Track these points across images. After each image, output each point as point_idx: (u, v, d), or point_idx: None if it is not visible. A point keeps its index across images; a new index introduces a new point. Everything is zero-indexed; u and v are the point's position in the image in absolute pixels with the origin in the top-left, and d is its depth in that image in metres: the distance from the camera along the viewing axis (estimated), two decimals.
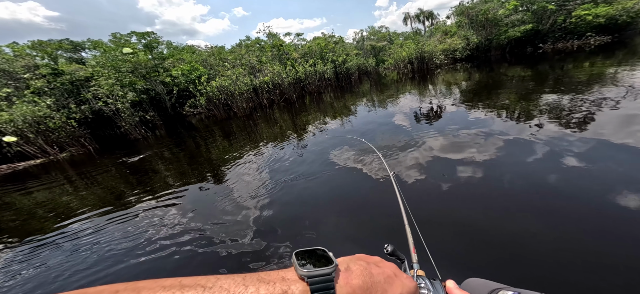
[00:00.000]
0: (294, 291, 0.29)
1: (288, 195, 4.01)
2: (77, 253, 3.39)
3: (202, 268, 2.77)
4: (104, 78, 15.08)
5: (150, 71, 17.27)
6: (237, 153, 6.81)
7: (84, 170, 8.32)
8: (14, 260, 3.47)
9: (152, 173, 6.51)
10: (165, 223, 3.75)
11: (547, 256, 2.15)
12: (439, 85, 13.01)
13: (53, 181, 7.44)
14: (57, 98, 13.78)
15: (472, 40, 22.51)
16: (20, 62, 15.64)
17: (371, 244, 2.64)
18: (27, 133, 10.94)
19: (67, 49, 20.74)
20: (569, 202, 2.69)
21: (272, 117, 12.15)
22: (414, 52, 22.02)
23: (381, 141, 5.78)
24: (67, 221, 4.41)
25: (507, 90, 8.47)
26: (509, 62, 17.24)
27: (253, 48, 21.26)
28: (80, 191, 6.09)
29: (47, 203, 5.53)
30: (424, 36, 30.86)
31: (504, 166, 3.65)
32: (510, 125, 5.17)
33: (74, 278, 2.91)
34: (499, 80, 10.88)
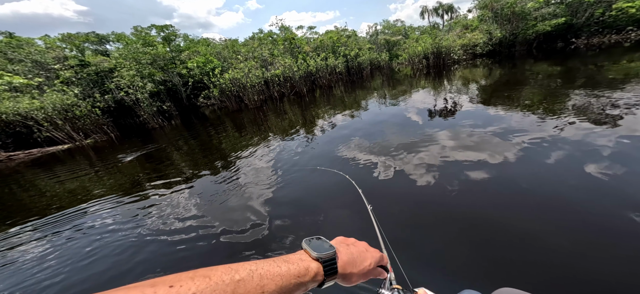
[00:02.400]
0: (313, 267, 0.41)
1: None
2: (84, 239, 3.64)
3: (214, 251, 2.88)
4: (126, 69, 15.85)
5: (168, 63, 17.92)
6: (246, 145, 6.95)
7: (103, 156, 8.86)
8: (41, 236, 3.79)
9: (167, 162, 6.81)
10: (178, 211, 3.91)
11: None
12: (455, 81, 12.44)
13: (77, 166, 8.00)
14: (83, 88, 14.69)
15: (495, 34, 21.20)
16: (51, 53, 16.80)
17: None
18: (56, 119, 11.79)
19: (93, 42, 21.96)
20: (589, 216, 2.46)
21: (281, 110, 12.24)
22: (430, 46, 21.13)
23: (383, 141, 5.64)
24: (84, 204, 4.74)
25: (531, 87, 7.91)
26: (536, 57, 16.11)
27: (265, 41, 21.38)
28: (100, 178, 6.50)
29: (71, 188, 5.97)
30: (442, 30, 29.48)
31: (511, 175, 3.43)
32: (528, 125, 4.82)
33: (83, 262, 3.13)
34: (523, 77, 10.19)
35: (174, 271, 0.33)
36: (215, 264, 0.34)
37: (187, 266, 2.62)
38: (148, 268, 2.74)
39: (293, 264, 0.39)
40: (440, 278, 2.09)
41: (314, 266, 0.41)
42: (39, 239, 3.63)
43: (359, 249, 0.50)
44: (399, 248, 2.38)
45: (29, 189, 6.23)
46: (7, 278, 2.86)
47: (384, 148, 4.87)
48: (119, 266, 2.83)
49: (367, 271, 0.49)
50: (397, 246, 1.04)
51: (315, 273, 0.40)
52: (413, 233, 2.64)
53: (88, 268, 2.87)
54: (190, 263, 2.74)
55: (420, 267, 2.21)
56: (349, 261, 0.46)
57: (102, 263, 2.91)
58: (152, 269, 2.71)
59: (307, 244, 0.44)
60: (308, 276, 0.39)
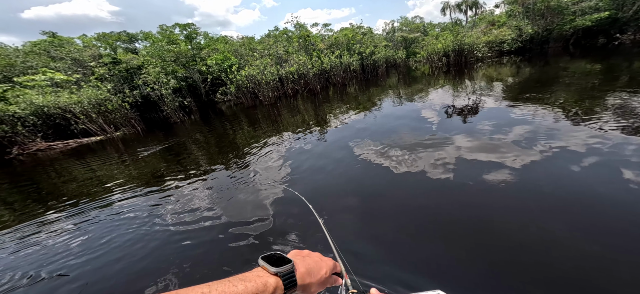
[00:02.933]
0: (271, 282, 0.41)
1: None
2: (111, 225, 4.01)
3: (220, 241, 3.08)
4: (152, 66, 16.89)
5: (189, 60, 18.81)
6: (260, 140, 7.19)
7: (130, 148, 9.59)
8: (68, 222, 4.25)
9: (185, 155, 7.24)
10: (190, 203, 4.18)
11: None
12: (478, 80, 11.81)
13: (108, 157, 8.75)
14: (115, 84, 15.90)
15: (526, 30, 19.73)
16: (87, 51, 18.33)
17: None
18: (91, 113, 12.92)
19: (124, 40, 23.59)
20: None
21: (295, 107, 12.41)
22: (451, 44, 20.16)
23: (398, 141, 5.55)
24: (108, 194, 5.20)
25: (565, 87, 7.29)
26: (572, 54, 14.85)
27: (280, 38, 21.64)
28: (126, 168, 7.07)
29: (101, 177, 6.56)
30: (465, 27, 27.91)
31: (534, 178, 3.22)
32: (565, 127, 4.43)
33: (110, 245, 3.47)
34: (556, 76, 9.43)
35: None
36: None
37: (194, 255, 2.83)
38: (160, 255, 2.98)
39: (250, 282, 0.39)
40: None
41: (273, 281, 0.41)
42: (68, 222, 4.08)
43: (314, 259, 0.52)
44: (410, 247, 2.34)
45: (64, 176, 6.95)
46: (36, 258, 3.24)
47: (393, 147, 4.80)
48: (132, 253, 3.12)
49: (324, 279, 0.51)
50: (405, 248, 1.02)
51: (274, 288, 0.40)
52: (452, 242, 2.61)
53: (103, 253, 3.19)
54: (196, 252, 2.94)
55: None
56: (307, 272, 0.47)
57: (117, 249, 3.20)
58: (164, 257, 2.94)
59: (263, 260, 0.45)
60: (267, 292, 0.39)
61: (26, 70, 15.24)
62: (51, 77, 14.04)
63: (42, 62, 16.13)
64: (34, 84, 13.37)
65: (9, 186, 6.64)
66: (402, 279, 2.08)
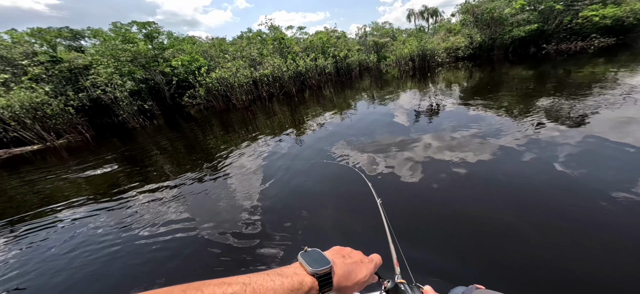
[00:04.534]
0: (307, 281, 0.40)
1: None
2: (70, 242, 3.36)
3: (195, 257, 2.73)
4: (103, 66, 14.96)
5: (149, 61, 17.13)
6: (234, 145, 6.76)
7: (78, 157, 8.27)
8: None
9: (149, 165, 6.46)
10: (159, 215, 3.70)
11: (540, 260, 2.09)
12: (439, 83, 12.87)
13: (48, 168, 7.40)
14: (55, 86, 13.67)
15: (476, 38, 22.23)
16: (18, 48, 15.50)
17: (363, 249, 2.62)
18: (24, 119, 10.87)
19: (66, 37, 20.56)
20: (566, 204, 2.62)
21: (271, 110, 12.07)
22: (416, 49, 21.78)
23: (373, 141, 5.71)
24: (61, 206, 4.38)
25: (508, 90, 8.32)
26: (511, 61, 17.05)
27: (254, 40, 21.07)
28: (74, 180, 6.05)
29: (41, 190, 5.50)
30: (428, 33, 30.48)
31: (493, 171, 3.57)
32: (507, 126, 5.04)
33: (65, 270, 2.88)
34: (500, 80, 10.73)
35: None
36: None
37: (171, 270, 2.47)
38: (129, 274, 2.55)
39: (287, 278, 0.38)
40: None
41: (309, 281, 0.40)
42: (6, 243, 3.29)
43: (354, 260, 0.50)
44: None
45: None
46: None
47: (371, 148, 4.90)
48: (93, 276, 2.61)
49: (363, 283, 0.49)
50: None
51: (309, 287, 0.40)
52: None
53: (62, 278, 2.62)
54: (176, 264, 2.57)
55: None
56: (345, 276, 0.46)
57: (74, 272, 2.67)
58: (135, 276, 2.52)
59: (302, 257, 0.44)
60: (302, 290, 0.39)
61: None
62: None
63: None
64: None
65: None
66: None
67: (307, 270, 0.41)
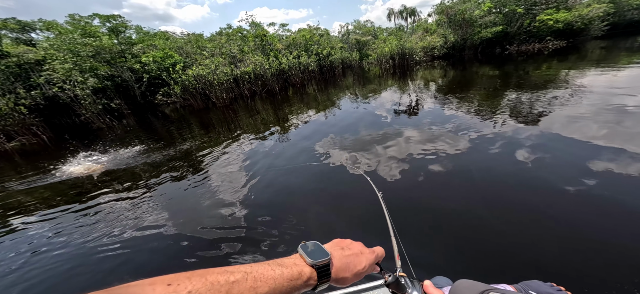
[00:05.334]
0: (306, 272, 0.42)
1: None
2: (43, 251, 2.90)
3: (180, 258, 2.48)
4: (59, 62, 13.37)
5: (115, 56, 15.68)
6: (214, 145, 6.38)
7: (33, 161, 7.28)
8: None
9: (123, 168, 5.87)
10: (139, 218, 3.35)
11: (514, 247, 2.21)
12: (417, 81, 13.38)
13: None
14: (1, 83, 11.95)
15: (450, 38, 23.49)
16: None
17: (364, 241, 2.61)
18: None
19: (13, 29, 18.12)
20: (530, 191, 2.84)
21: (253, 108, 11.66)
22: (395, 48, 22.45)
23: (357, 138, 5.74)
24: (23, 215, 3.79)
25: (478, 88, 8.88)
26: (480, 61, 18.29)
27: (234, 37, 20.24)
28: (32, 186, 5.30)
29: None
30: (407, 33, 31.60)
31: (472, 163, 3.75)
32: (479, 121, 5.36)
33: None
34: (471, 79, 11.43)
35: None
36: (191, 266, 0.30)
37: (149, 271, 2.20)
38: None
39: (287, 268, 0.40)
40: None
41: (307, 271, 0.42)
42: None
43: (353, 252, 0.51)
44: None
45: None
46: None
47: (356, 144, 4.91)
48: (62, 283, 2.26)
49: (362, 273, 0.50)
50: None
51: (308, 277, 0.41)
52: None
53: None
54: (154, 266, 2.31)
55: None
56: (343, 267, 0.47)
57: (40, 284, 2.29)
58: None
59: (302, 249, 0.45)
60: (301, 280, 0.40)
61: None
62: None
63: None
64: None
65: None
66: None
67: (306, 261, 0.43)
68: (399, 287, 0.52)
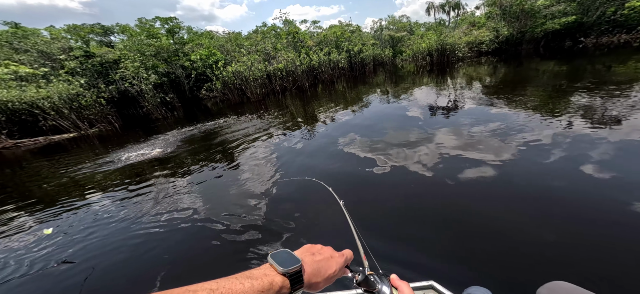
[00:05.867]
0: (277, 281, 0.41)
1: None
2: (97, 224, 3.76)
3: (209, 241, 2.97)
4: (130, 61, 15.96)
5: (171, 55, 17.99)
6: (246, 137, 7.02)
7: (107, 145, 9.01)
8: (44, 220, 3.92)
9: (172, 154, 6.92)
10: (177, 201, 4.01)
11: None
12: (458, 78, 12.30)
13: (82, 155, 8.15)
14: (88, 79, 14.85)
15: (503, 32, 20.84)
16: (56, 44, 16.95)
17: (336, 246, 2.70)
18: (62, 108, 11.97)
19: (98, 33, 22.07)
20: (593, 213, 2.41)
21: (283, 104, 12.27)
22: (434, 43, 20.87)
23: (385, 137, 5.67)
24: (92, 191, 4.87)
25: (536, 86, 7.72)
26: (542, 56, 15.83)
27: (269, 35, 21.31)
28: (104, 167, 6.64)
29: (80, 178, 6.12)
30: (448, 27, 28.98)
31: (511, 171, 3.41)
32: (532, 125, 4.67)
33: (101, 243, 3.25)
34: (527, 76, 10.03)
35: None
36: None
37: (183, 251, 2.71)
38: (165, 249, 2.83)
39: (257, 280, 0.39)
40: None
41: (279, 280, 0.41)
42: (42, 223, 3.76)
43: (324, 256, 0.52)
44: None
45: (33, 176, 6.39)
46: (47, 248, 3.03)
47: (383, 145, 4.88)
48: (136, 243, 2.94)
49: (333, 277, 0.51)
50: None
51: (280, 287, 0.41)
52: (412, 226, 2.68)
53: (103, 246, 2.98)
54: (185, 247, 2.82)
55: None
56: (314, 272, 0.47)
57: (118, 242, 3.01)
58: (167, 249, 2.79)
59: (272, 259, 0.45)
60: (272, 290, 0.39)
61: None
62: (15, 70, 12.83)
63: (4, 54, 14.71)
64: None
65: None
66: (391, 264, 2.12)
67: (277, 270, 0.42)
68: (368, 284, 0.53)
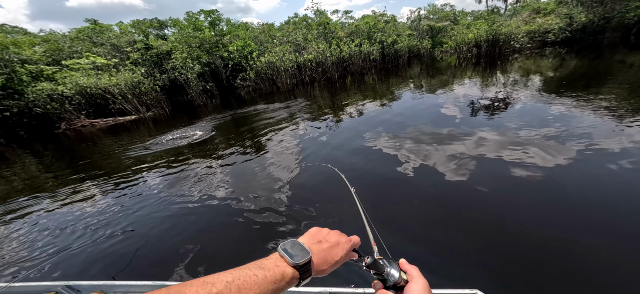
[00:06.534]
0: (288, 272, 0.43)
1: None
2: (148, 194, 4.50)
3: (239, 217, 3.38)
4: (179, 52, 17.85)
5: (212, 46, 19.54)
6: (274, 126, 7.45)
7: (159, 128, 10.40)
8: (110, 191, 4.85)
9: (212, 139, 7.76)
10: (209, 182, 4.56)
11: None
12: (510, 73, 10.85)
13: (139, 135, 9.59)
14: (147, 68, 17.11)
15: (579, 19, 17.57)
16: (124, 37, 19.79)
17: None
18: (127, 94, 14.13)
19: (155, 27, 25.02)
20: None
21: (311, 94, 12.48)
22: (484, 33, 18.60)
23: (415, 133, 5.46)
24: (144, 166, 5.80)
25: (617, 83, 6.39)
26: (632, 46, 13.01)
27: (300, 25, 21.49)
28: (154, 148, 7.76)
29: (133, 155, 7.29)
30: (503, 16, 25.31)
31: (563, 180, 3.04)
32: (602, 129, 3.98)
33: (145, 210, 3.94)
34: (608, 71, 8.32)
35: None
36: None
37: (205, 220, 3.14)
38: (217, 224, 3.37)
39: (269, 271, 0.41)
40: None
41: (290, 272, 0.43)
42: (104, 193, 4.67)
43: (330, 244, 0.53)
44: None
45: (104, 152, 7.82)
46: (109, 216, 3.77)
47: (410, 143, 4.69)
48: (189, 218, 3.52)
49: (339, 261, 0.53)
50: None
51: (290, 277, 0.43)
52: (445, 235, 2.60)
53: (156, 219, 3.64)
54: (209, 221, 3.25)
55: None
56: (321, 262, 0.49)
57: (171, 218, 3.59)
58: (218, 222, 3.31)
59: (282, 250, 0.46)
60: (284, 281, 0.41)
61: (72, 54, 16.92)
62: (93, 61, 15.48)
63: (85, 47, 17.78)
64: (78, 67, 14.87)
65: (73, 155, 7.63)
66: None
67: (288, 262, 0.44)
68: (377, 267, 0.54)
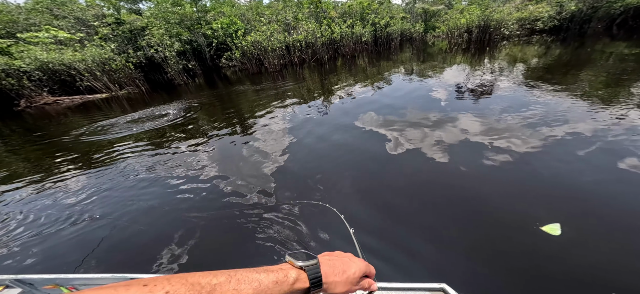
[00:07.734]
0: (293, 274, 0.42)
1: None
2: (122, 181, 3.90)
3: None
4: (156, 28, 16.32)
5: (194, 23, 18.06)
6: (263, 106, 6.87)
7: (135, 106, 9.45)
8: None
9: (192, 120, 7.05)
10: (194, 165, 4.03)
11: None
12: (497, 59, 10.84)
13: (111, 113, 8.64)
14: (118, 44, 15.54)
15: (569, 7, 17.91)
16: (91, 11, 17.75)
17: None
18: (95, 71, 12.75)
19: (128, 1, 22.78)
20: None
21: (300, 76, 11.87)
22: (477, 19, 18.54)
23: (403, 117, 5.15)
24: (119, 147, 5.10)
25: (595, 71, 6.59)
26: (614, 36, 13.49)
27: (290, 3, 20.36)
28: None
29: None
30: (497, 2, 25.45)
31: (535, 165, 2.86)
32: (576, 115, 3.99)
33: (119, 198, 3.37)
34: (588, 59, 8.54)
35: None
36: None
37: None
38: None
39: (272, 272, 0.41)
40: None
41: (294, 274, 0.42)
42: (84, 174, 4.01)
43: (342, 260, 0.51)
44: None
45: (68, 131, 6.92)
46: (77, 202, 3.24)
47: (398, 125, 4.47)
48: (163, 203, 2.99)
49: (353, 279, 0.49)
50: None
51: (295, 280, 0.42)
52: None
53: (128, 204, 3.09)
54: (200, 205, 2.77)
55: None
56: (330, 271, 0.47)
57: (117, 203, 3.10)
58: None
59: (290, 256, 0.46)
60: (287, 283, 0.41)
61: (29, 27, 14.96)
62: (55, 35, 13.76)
63: (45, 20, 15.78)
64: (37, 41, 13.17)
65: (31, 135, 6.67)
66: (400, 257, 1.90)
67: (294, 265, 0.44)
68: None
